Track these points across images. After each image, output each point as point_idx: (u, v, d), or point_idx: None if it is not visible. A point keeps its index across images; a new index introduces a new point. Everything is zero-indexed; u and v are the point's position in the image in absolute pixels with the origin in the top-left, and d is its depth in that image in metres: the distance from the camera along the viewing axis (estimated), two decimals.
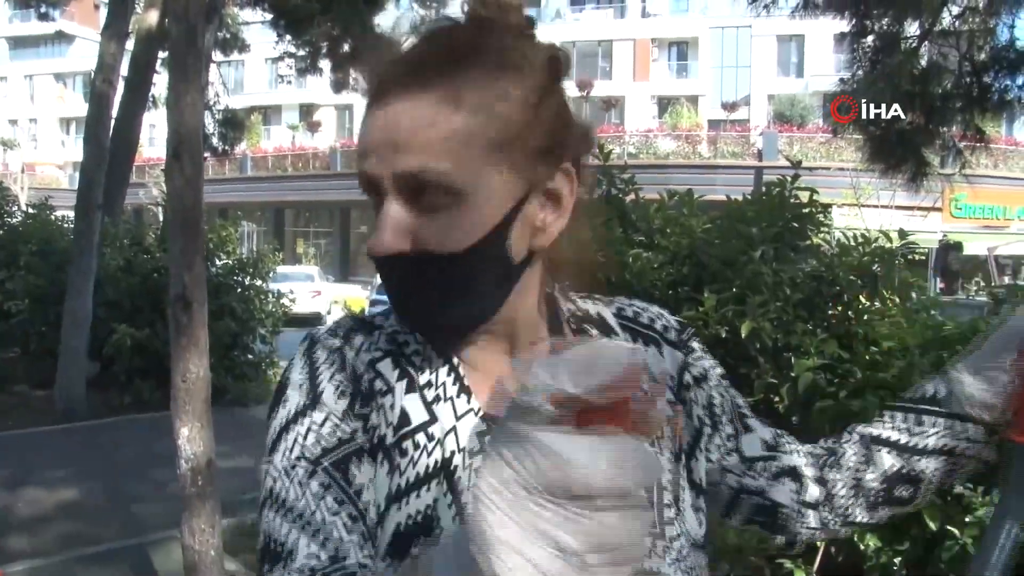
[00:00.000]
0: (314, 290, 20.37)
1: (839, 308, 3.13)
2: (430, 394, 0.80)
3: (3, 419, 8.10)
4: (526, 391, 0.43)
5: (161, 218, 12.11)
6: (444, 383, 0.81)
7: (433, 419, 0.79)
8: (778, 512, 0.94)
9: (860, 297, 3.05)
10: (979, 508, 2.51)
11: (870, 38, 6.28)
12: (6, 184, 13.05)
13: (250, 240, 27.34)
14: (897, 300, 3.08)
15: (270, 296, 10.13)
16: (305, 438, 0.77)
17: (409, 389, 0.81)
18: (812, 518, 0.95)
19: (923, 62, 6.26)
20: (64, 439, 7.69)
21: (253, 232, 31.91)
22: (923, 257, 20.24)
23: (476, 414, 0.80)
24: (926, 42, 6.22)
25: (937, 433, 0.91)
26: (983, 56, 6.03)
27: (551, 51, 0.78)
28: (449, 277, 0.76)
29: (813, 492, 0.94)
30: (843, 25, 6.32)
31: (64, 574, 4.62)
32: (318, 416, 0.79)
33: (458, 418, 0.79)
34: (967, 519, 2.53)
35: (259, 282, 9.94)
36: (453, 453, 0.78)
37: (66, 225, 10.34)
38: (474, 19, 0.78)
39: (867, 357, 2.80)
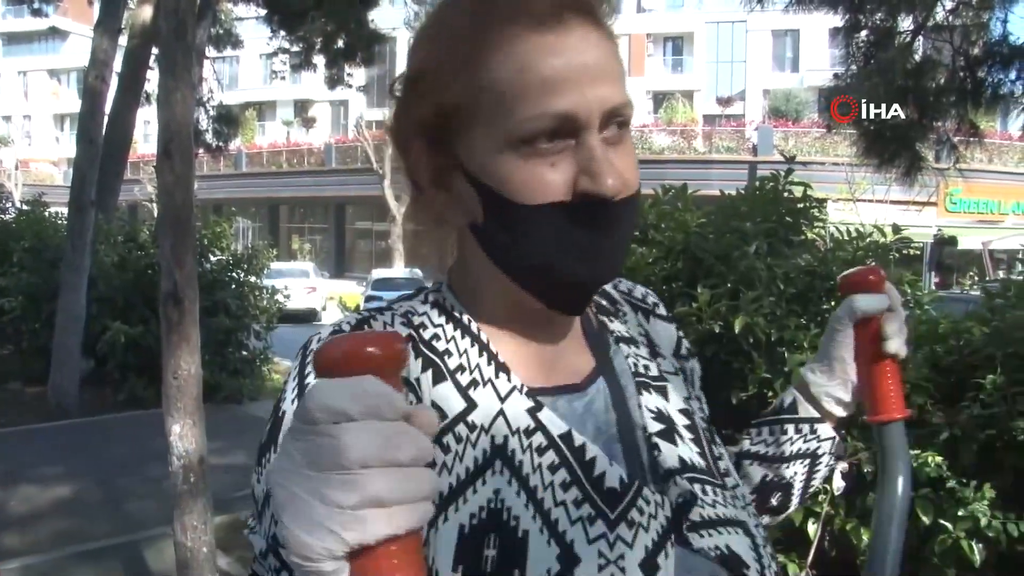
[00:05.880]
0: (309, 286, 20.34)
1: (832, 303, 3.12)
2: (464, 379, 0.73)
3: None
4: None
5: (156, 214, 12.05)
6: (478, 364, 0.74)
7: (472, 406, 0.72)
8: None
9: None
10: (971, 502, 2.52)
11: (864, 33, 6.27)
12: (0, 181, 13.00)
13: (245, 236, 27.30)
14: None
15: (265, 292, 10.08)
16: None
17: (438, 378, 0.73)
18: None
19: (917, 57, 6.26)
20: (57, 436, 7.68)
21: (248, 228, 31.83)
22: (918, 252, 20.28)
23: (521, 392, 0.74)
24: (920, 37, 6.22)
25: (795, 439, 0.96)
26: (977, 51, 6.03)
27: None
28: (635, 218, 0.76)
29: None
30: (837, 20, 6.32)
31: (57, 571, 4.60)
32: None
33: (503, 399, 0.73)
34: (959, 513, 2.53)
35: (253, 278, 9.91)
36: (507, 437, 0.71)
37: (60, 222, 10.30)
38: None
39: None
